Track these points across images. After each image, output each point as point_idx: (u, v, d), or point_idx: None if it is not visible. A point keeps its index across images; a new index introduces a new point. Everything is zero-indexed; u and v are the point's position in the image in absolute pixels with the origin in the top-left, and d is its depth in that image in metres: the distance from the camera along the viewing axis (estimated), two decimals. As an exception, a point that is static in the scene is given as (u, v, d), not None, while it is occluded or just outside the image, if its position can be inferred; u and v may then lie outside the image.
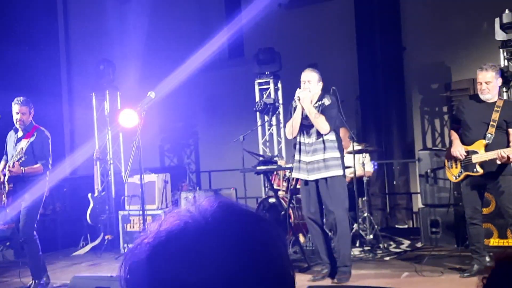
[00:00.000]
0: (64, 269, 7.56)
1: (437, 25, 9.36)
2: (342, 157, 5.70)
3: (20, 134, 6.13)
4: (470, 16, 9.06)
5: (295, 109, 5.73)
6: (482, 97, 5.50)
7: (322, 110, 5.63)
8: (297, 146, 5.81)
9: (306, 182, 5.77)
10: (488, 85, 5.42)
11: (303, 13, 10.59)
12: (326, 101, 5.67)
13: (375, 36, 9.66)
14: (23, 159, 5.81)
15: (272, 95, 9.10)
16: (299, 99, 5.60)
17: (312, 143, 5.67)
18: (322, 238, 5.83)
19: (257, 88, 9.28)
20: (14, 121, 6.06)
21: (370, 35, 9.71)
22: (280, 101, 9.16)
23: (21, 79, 11.17)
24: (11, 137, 6.22)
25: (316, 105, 5.69)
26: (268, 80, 9.16)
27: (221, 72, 11.46)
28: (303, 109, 5.65)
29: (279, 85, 9.21)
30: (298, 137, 5.78)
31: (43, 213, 9.66)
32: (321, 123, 5.56)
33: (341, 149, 5.72)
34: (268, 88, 9.19)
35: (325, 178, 5.61)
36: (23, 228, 5.90)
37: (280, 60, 9.17)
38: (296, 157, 5.83)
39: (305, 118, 5.68)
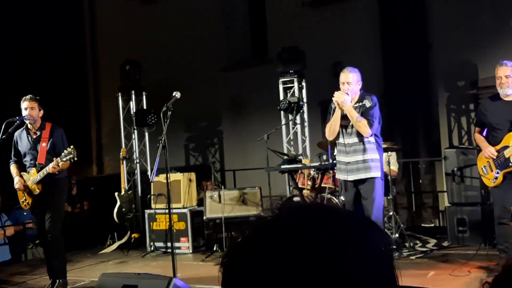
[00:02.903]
0: (92, 267, 7.66)
1: (463, 22, 9.26)
2: (381, 158, 5.67)
3: (36, 134, 6.04)
4: (497, 13, 8.95)
5: (334, 110, 5.66)
6: (501, 91, 5.48)
7: (363, 112, 5.56)
8: (337, 147, 5.79)
9: (345, 183, 5.76)
10: (508, 79, 5.40)
11: (327, 11, 10.56)
12: (367, 103, 5.59)
13: (401, 34, 9.58)
14: (75, 158, 5.76)
15: (297, 94, 9.10)
16: (338, 105, 5.53)
17: (352, 144, 5.62)
18: None
19: (281, 87, 9.29)
20: (25, 118, 5.97)
21: (395, 32, 9.64)
22: (305, 100, 9.15)
23: (48, 81, 11.33)
24: (23, 137, 6.11)
25: (356, 105, 5.61)
26: (292, 78, 9.15)
27: (245, 71, 11.49)
28: (342, 111, 5.58)
29: (303, 83, 9.20)
30: (337, 138, 5.75)
31: (71, 211, 9.83)
32: (363, 126, 5.50)
33: (381, 150, 5.69)
34: (293, 86, 9.19)
35: (364, 179, 5.58)
36: (50, 228, 5.91)
37: (304, 58, 9.16)
38: (337, 157, 5.83)
39: (343, 118, 5.60)
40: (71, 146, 5.79)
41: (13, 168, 6.16)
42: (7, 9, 11.37)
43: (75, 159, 5.77)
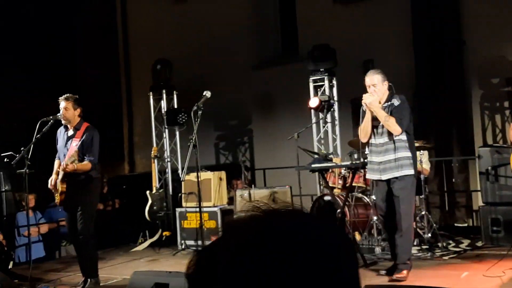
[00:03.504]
0: (124, 264, 7.75)
1: (498, 18, 9.09)
2: (414, 156, 5.63)
3: (70, 132, 6.15)
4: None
5: (364, 112, 5.68)
6: None
7: (392, 111, 5.55)
8: (369, 148, 5.78)
9: (377, 183, 5.74)
10: None
11: (358, 8, 10.48)
12: (396, 102, 5.58)
13: (433, 30, 9.45)
14: (76, 161, 5.86)
15: (327, 92, 9.04)
16: (366, 105, 5.56)
17: (383, 143, 5.62)
18: (394, 238, 5.74)
19: (312, 85, 9.24)
20: (58, 117, 6.10)
21: (427, 29, 9.51)
22: (335, 98, 9.09)
23: (80, 80, 11.51)
24: (61, 133, 6.23)
25: (385, 105, 5.61)
26: (323, 77, 9.10)
27: (275, 69, 11.48)
28: (372, 112, 5.60)
29: (334, 82, 9.14)
30: (369, 139, 5.75)
31: (103, 209, 9.96)
32: (392, 125, 5.48)
33: (412, 148, 5.65)
34: (323, 85, 9.14)
35: (397, 177, 5.56)
36: (82, 229, 5.98)
37: (335, 56, 9.09)
38: (369, 158, 5.81)
39: (374, 119, 5.62)
40: (75, 150, 5.86)
41: (55, 164, 6.26)
42: (47, 11, 11.57)
43: (76, 162, 5.82)
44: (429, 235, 7.06)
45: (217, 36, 11.75)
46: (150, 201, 9.03)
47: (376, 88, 5.60)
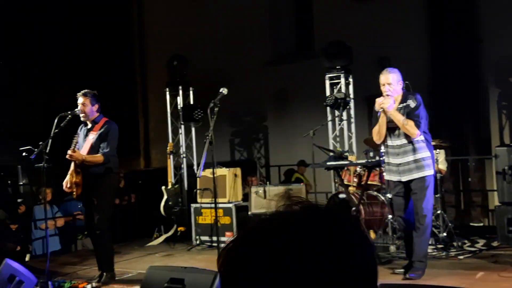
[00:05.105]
0: (139, 259, 7.80)
1: (516, 16, 9.00)
2: (432, 156, 5.61)
3: (89, 126, 6.22)
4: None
5: (377, 113, 5.64)
6: None
7: (408, 113, 5.50)
8: (385, 149, 5.76)
9: (396, 183, 5.71)
10: None
11: (374, 5, 10.43)
12: (412, 103, 5.53)
13: (450, 28, 9.40)
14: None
15: (343, 90, 9.02)
16: (383, 110, 5.52)
17: (401, 145, 5.59)
18: (410, 237, 5.72)
19: (327, 82, 9.22)
20: (76, 113, 6.13)
21: (444, 27, 9.45)
22: (351, 96, 9.06)
23: (96, 75, 11.59)
24: (81, 130, 6.31)
25: (400, 106, 5.57)
26: (339, 74, 9.07)
27: (291, 66, 11.47)
28: (387, 116, 5.56)
29: (350, 79, 9.10)
30: (385, 140, 5.72)
31: (119, 204, 10.03)
32: (410, 129, 5.45)
33: (430, 148, 5.62)
34: (339, 82, 9.11)
35: (417, 178, 5.53)
36: (99, 222, 6.02)
37: (351, 53, 9.05)
38: (386, 159, 5.79)
39: (390, 121, 5.58)
40: (91, 143, 5.98)
41: (71, 165, 6.24)
42: (59, 7, 11.66)
43: (74, 149, 5.93)
44: (445, 234, 7.03)
45: (233, 32, 11.77)
46: (165, 196, 9.07)
47: (390, 87, 5.55)
